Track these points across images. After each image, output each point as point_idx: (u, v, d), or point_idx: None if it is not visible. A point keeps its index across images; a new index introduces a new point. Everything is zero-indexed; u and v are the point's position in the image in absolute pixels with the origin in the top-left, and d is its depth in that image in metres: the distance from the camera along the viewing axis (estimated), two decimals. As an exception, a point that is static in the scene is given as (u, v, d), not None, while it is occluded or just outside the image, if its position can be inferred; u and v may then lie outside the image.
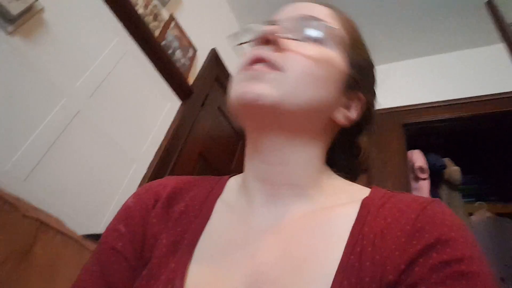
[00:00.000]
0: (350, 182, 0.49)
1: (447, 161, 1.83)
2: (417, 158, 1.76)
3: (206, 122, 1.76)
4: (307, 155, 0.46)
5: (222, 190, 0.51)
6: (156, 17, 1.52)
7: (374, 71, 0.54)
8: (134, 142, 1.30)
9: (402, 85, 2.13)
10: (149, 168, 1.32)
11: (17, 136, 0.92)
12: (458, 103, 1.84)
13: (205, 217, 0.47)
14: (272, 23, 0.47)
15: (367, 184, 0.48)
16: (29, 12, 1.01)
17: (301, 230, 0.42)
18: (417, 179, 1.72)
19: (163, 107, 1.49)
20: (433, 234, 0.35)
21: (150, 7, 1.49)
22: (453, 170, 1.79)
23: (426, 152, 1.87)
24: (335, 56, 0.46)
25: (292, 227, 0.42)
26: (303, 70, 0.42)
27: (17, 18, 0.98)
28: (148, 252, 0.45)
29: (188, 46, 1.73)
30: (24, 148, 0.92)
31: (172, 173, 1.41)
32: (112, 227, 0.49)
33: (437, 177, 1.80)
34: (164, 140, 1.43)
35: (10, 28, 0.97)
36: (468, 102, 1.81)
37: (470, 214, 1.87)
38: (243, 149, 0.51)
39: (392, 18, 2.05)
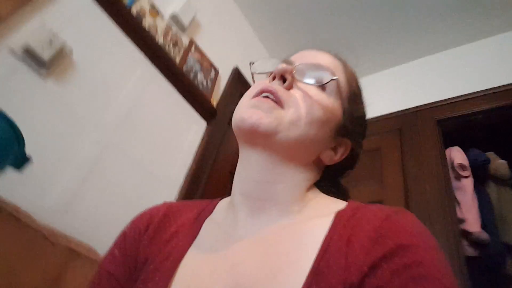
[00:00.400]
0: (334, 199, 0.52)
1: (491, 155, 1.71)
2: (456, 155, 1.66)
3: (234, 140, 1.78)
4: (296, 179, 0.50)
5: (212, 210, 0.55)
6: (176, 43, 1.59)
7: (366, 121, 0.60)
8: (164, 167, 1.34)
9: (432, 80, 2.04)
10: (180, 191, 1.36)
11: (53, 172, 0.99)
12: (495, 92, 1.72)
13: (194, 235, 0.51)
14: (289, 62, 0.54)
15: (403, 187, 0.49)
16: (60, 55, 1.10)
17: (279, 241, 0.45)
18: (459, 177, 1.62)
19: (189, 130, 1.54)
20: (395, 240, 0.38)
21: (169, 35, 1.56)
22: (499, 164, 1.66)
23: (466, 148, 1.75)
24: (333, 104, 0.52)
25: (271, 237, 0.46)
26: (303, 110, 0.49)
27: (49, 62, 1.07)
28: (139, 272, 0.49)
29: (209, 67, 1.78)
30: (60, 183, 0.99)
31: (203, 193, 1.44)
32: (109, 252, 0.53)
33: (482, 174, 1.68)
34: (192, 162, 1.47)
35: (43, 72, 1.06)
36: (507, 90, 1.69)
37: (525, 210, 1.72)
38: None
39: (417, 12, 1.98)
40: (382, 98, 2.17)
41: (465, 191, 1.56)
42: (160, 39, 1.47)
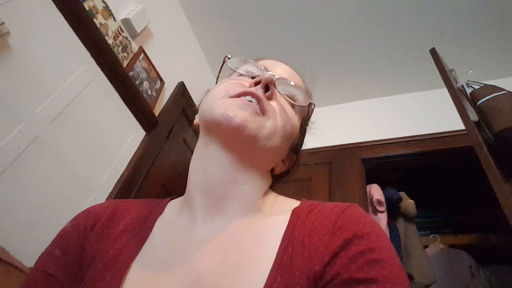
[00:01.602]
0: (288, 198, 0.56)
1: (402, 194, 1.93)
2: (375, 191, 1.84)
3: (170, 153, 1.75)
4: (258, 182, 0.53)
5: (163, 210, 0.55)
6: (125, 48, 1.55)
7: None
8: (94, 171, 1.26)
9: (359, 123, 2.27)
10: (108, 198, 1.28)
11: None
12: (411, 140, 1.98)
13: (145, 234, 0.50)
14: (268, 70, 0.55)
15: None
16: (-7, 35, 1.00)
17: (240, 238, 0.46)
18: (376, 211, 1.79)
19: (127, 136, 1.47)
20: (350, 231, 0.42)
21: (119, 38, 1.52)
22: (408, 203, 1.88)
23: (383, 186, 1.96)
24: (297, 122, 0.56)
25: (232, 236, 0.47)
26: (279, 123, 0.51)
27: (-21, 40, 0.97)
28: (86, 272, 0.47)
29: (156, 78, 1.76)
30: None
31: (133, 203, 1.37)
32: (47, 252, 0.49)
33: (394, 210, 1.88)
34: (125, 170, 1.40)
35: (-30, 50, 0.95)
36: (419, 140, 1.95)
37: (426, 246, 1.94)
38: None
39: (351, 62, 2.22)
40: (315, 133, 2.35)
41: (380, 224, 1.72)
42: (109, 40, 1.43)
